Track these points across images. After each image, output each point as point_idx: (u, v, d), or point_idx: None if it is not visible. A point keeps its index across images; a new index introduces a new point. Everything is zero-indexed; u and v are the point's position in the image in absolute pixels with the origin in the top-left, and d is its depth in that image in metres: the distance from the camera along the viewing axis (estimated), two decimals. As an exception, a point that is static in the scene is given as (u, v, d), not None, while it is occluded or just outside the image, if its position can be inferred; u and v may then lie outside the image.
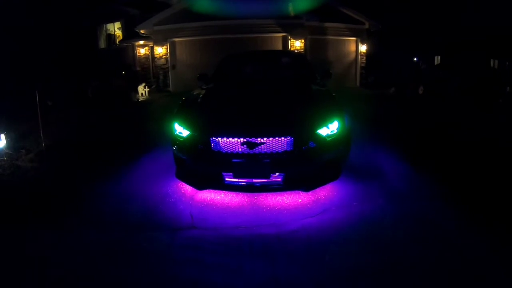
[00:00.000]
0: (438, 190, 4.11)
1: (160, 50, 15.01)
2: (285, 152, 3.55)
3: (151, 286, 2.62)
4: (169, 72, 15.22)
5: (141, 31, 15.06)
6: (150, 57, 17.25)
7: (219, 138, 3.59)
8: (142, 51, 17.46)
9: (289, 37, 14.62)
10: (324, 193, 3.96)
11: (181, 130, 3.87)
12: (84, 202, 4.09)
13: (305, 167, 3.66)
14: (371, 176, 4.47)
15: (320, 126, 3.66)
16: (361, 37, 16.41)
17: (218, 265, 2.82)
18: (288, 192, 3.90)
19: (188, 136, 3.82)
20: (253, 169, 3.57)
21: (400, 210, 3.63)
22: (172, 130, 4.00)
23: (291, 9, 13.92)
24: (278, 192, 3.88)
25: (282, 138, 3.53)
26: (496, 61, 16.06)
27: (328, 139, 3.69)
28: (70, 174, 5.10)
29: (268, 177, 3.58)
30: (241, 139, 3.53)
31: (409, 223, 3.39)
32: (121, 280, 2.70)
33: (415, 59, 23.09)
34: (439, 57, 20.68)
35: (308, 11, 14.24)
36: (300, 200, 3.84)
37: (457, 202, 3.75)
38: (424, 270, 2.66)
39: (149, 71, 17.38)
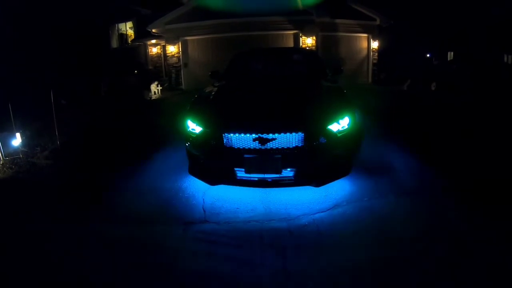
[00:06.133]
0: (447, 187, 4.10)
1: (172, 49, 15.12)
2: (296, 147, 3.58)
3: (164, 277, 2.69)
4: (181, 70, 15.33)
5: (153, 30, 15.20)
6: (162, 55, 17.43)
7: (231, 134, 3.63)
8: (154, 50, 17.66)
9: (300, 34, 14.58)
10: (335, 189, 3.98)
11: (194, 127, 3.93)
12: (99, 198, 4.19)
13: (316, 162, 3.67)
14: (381, 172, 4.47)
15: (331, 122, 3.68)
16: (373, 33, 16.28)
17: (229, 257, 2.88)
18: (299, 187, 3.93)
19: (200, 133, 3.87)
20: (265, 165, 3.60)
21: (410, 206, 3.65)
22: (185, 126, 4.06)
23: (301, 5, 13.88)
24: (289, 188, 3.91)
25: (293, 134, 3.56)
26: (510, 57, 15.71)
27: (339, 134, 3.71)
28: (85, 171, 5.20)
29: (280, 173, 3.61)
30: (253, 135, 3.56)
31: (418, 219, 3.40)
32: (134, 271, 2.78)
33: (428, 55, 22.85)
34: (452, 53, 20.42)
35: (319, 8, 14.19)
36: (311, 195, 3.88)
37: (466, 201, 3.74)
38: (431, 265, 2.68)
39: (162, 69, 17.57)
